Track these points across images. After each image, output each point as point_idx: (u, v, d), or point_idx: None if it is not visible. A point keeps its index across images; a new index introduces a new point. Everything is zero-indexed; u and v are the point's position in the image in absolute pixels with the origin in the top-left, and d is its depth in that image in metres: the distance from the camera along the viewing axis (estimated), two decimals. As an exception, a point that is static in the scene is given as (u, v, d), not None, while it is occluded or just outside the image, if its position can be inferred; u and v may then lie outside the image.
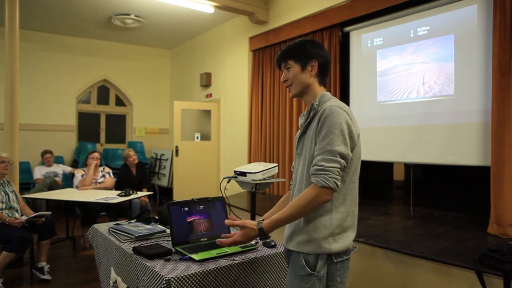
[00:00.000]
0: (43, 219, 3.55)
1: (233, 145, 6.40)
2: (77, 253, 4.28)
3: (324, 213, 1.40)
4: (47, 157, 6.03)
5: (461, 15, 3.58)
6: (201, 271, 1.59)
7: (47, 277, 3.40)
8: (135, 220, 2.48)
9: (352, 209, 1.46)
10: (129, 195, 4.08)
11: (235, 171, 2.49)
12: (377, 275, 2.78)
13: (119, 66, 7.76)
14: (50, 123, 7.02)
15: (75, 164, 6.95)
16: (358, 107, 4.53)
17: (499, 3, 3.12)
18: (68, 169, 6.29)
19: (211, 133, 6.81)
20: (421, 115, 3.88)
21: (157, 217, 2.48)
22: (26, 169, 6.27)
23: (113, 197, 3.97)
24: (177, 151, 6.52)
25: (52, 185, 5.43)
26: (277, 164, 2.50)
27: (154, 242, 2.00)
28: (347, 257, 1.45)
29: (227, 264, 1.68)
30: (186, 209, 1.96)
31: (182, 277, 1.54)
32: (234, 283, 1.70)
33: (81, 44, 7.30)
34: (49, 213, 3.72)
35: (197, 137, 6.80)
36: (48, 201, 4.62)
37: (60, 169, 6.15)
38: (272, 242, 1.96)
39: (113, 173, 4.97)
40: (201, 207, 2.01)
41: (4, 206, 3.48)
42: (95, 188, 4.57)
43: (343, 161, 1.34)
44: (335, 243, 1.39)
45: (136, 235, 2.05)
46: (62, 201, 4.55)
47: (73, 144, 7.30)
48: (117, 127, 8.07)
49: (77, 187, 4.57)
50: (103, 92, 7.86)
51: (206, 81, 6.88)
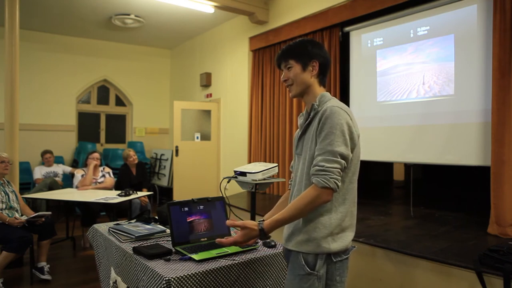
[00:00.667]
0: (43, 219, 3.55)
1: (233, 145, 6.40)
2: (77, 253, 4.28)
3: (323, 213, 1.41)
4: (47, 157, 6.03)
5: (461, 15, 3.58)
6: (201, 271, 1.59)
7: (47, 277, 3.40)
8: (135, 220, 2.48)
9: (351, 209, 1.46)
10: (129, 195, 4.08)
11: (235, 171, 2.49)
12: (377, 275, 2.78)
13: (119, 66, 7.76)
14: (50, 123, 7.02)
15: (75, 164, 6.95)
16: (358, 107, 4.53)
17: (499, 3, 3.12)
18: (68, 169, 6.29)
19: (211, 133, 6.81)
20: (421, 115, 3.88)
21: (157, 217, 2.48)
22: (26, 169, 6.27)
23: (113, 197, 3.97)
24: (177, 151, 6.52)
25: (52, 185, 5.43)
26: (277, 164, 2.50)
27: (154, 242, 2.00)
28: (346, 256, 1.45)
29: (227, 264, 1.68)
30: (186, 209, 1.96)
31: (182, 277, 1.54)
32: (234, 283, 1.70)
33: (81, 44, 7.30)
34: (49, 213, 3.72)
35: (197, 137, 6.80)
36: (48, 201, 4.62)
37: (60, 169, 6.15)
38: (272, 242, 1.96)
39: (113, 173, 4.97)
40: (201, 207, 2.01)
41: (4, 206, 3.48)
42: (95, 188, 4.57)
43: (343, 161, 1.35)
44: (334, 243, 1.40)
45: (136, 235, 2.05)
46: (62, 201, 4.55)
47: (73, 144, 7.30)
48: (117, 127, 8.07)
49: (77, 187, 4.57)
50: (103, 92, 7.85)
51: (206, 81, 6.88)
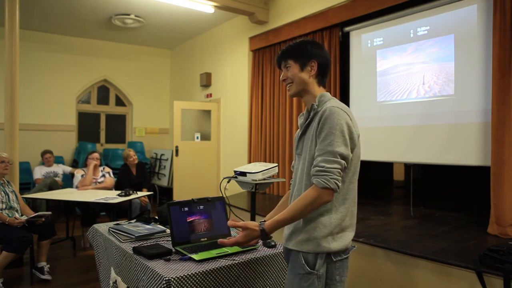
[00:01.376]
0: (43, 219, 3.55)
1: (233, 145, 6.40)
2: (77, 253, 4.28)
3: (323, 212, 1.41)
4: (47, 157, 6.03)
5: (461, 15, 3.58)
6: (201, 271, 1.59)
7: (47, 277, 3.40)
8: (135, 220, 2.48)
9: (351, 209, 1.46)
10: (129, 195, 4.08)
11: (235, 171, 2.49)
12: (377, 275, 2.78)
13: (119, 66, 7.76)
14: (50, 123, 7.02)
15: (75, 164, 6.95)
16: (358, 107, 4.53)
17: (499, 3, 3.12)
18: (68, 169, 6.29)
19: (211, 133, 6.81)
20: (421, 115, 3.88)
21: (157, 217, 2.48)
22: (26, 169, 6.27)
23: (113, 197, 3.97)
24: (177, 151, 6.52)
25: (52, 185, 5.44)
26: (277, 164, 2.50)
27: (154, 242, 2.00)
28: (346, 256, 1.45)
29: (227, 264, 1.68)
30: (186, 209, 1.96)
31: (182, 277, 1.54)
32: (234, 283, 1.70)
33: (81, 44, 7.30)
34: (49, 213, 3.72)
35: (197, 137, 6.80)
36: (48, 201, 4.62)
37: (60, 169, 6.15)
38: (272, 242, 1.97)
39: (113, 173, 4.97)
40: (201, 207, 2.01)
41: (4, 206, 3.48)
42: (95, 188, 4.57)
43: (343, 162, 1.36)
44: (334, 242, 1.40)
45: (136, 235, 2.05)
46: (62, 201, 4.55)
47: (73, 144, 7.30)
48: (117, 127, 8.07)
49: (77, 187, 4.57)
50: (103, 92, 7.85)
51: (206, 81, 6.88)
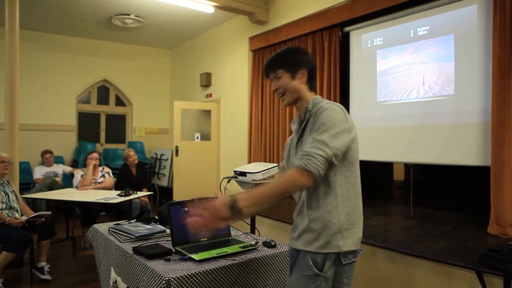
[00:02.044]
0: (43, 219, 3.55)
1: (233, 145, 6.40)
2: (77, 253, 4.28)
3: (330, 209, 1.39)
4: (47, 157, 6.03)
5: (461, 15, 3.58)
6: (201, 271, 1.59)
7: (47, 277, 3.40)
8: (135, 220, 2.48)
9: (358, 204, 1.46)
10: (129, 195, 4.08)
11: (235, 171, 2.49)
12: (377, 275, 2.78)
13: (119, 66, 7.76)
14: (50, 123, 7.02)
15: (75, 164, 6.94)
16: (358, 107, 4.53)
17: (499, 3, 3.12)
18: (68, 169, 6.28)
19: (211, 133, 6.80)
20: (421, 115, 3.88)
21: (157, 217, 2.48)
22: (26, 169, 6.27)
23: (113, 197, 3.97)
24: (177, 151, 6.52)
25: (52, 185, 5.43)
26: (277, 164, 2.51)
27: (154, 242, 2.00)
28: (354, 259, 1.44)
29: (227, 264, 1.68)
30: (186, 209, 1.96)
31: (182, 277, 1.54)
32: (234, 283, 1.70)
33: (81, 44, 7.30)
34: (49, 213, 3.72)
35: (197, 137, 6.80)
36: (48, 201, 4.63)
37: (60, 169, 6.15)
38: (272, 242, 1.97)
39: (113, 173, 4.97)
40: (201, 207, 2.00)
41: (4, 206, 3.48)
42: (95, 188, 4.57)
43: (330, 152, 1.32)
44: (344, 239, 1.39)
45: (136, 235, 2.05)
46: (62, 201, 4.55)
47: (73, 144, 7.29)
48: (117, 127, 8.06)
49: (76, 187, 4.57)
50: (103, 92, 7.85)
51: (206, 81, 6.88)
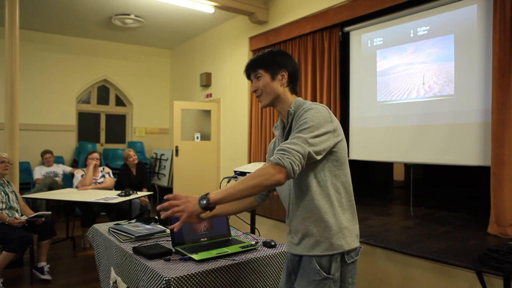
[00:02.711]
0: (43, 219, 3.55)
1: (233, 145, 6.40)
2: (77, 253, 4.28)
3: (326, 210, 1.39)
4: (47, 157, 6.03)
5: (461, 15, 3.58)
6: (201, 271, 1.59)
7: (47, 277, 3.40)
8: (135, 220, 2.48)
9: (352, 202, 1.46)
10: (129, 195, 4.08)
11: (235, 171, 2.49)
12: (377, 275, 2.78)
13: (119, 66, 7.76)
14: (50, 123, 7.02)
15: (75, 164, 6.94)
16: (358, 107, 4.53)
17: (499, 3, 3.12)
18: (68, 169, 6.28)
19: (211, 133, 6.81)
20: (421, 115, 3.88)
21: (157, 217, 2.48)
22: (26, 169, 6.27)
23: (113, 197, 3.97)
24: (177, 151, 6.52)
25: (52, 185, 5.44)
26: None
27: (154, 242, 2.00)
28: (357, 257, 1.44)
29: (227, 264, 1.68)
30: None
31: (182, 277, 1.53)
32: (234, 283, 1.70)
33: (81, 44, 7.30)
34: (49, 213, 3.72)
35: (197, 137, 6.80)
36: (48, 201, 4.62)
37: (60, 169, 6.15)
38: (272, 242, 1.97)
39: (113, 173, 4.96)
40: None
41: (4, 206, 3.48)
42: (95, 188, 4.57)
43: (308, 149, 1.29)
44: (345, 238, 1.38)
45: (136, 235, 2.05)
46: (62, 201, 4.55)
47: (73, 144, 7.30)
48: (117, 127, 8.07)
49: (77, 187, 4.57)
50: (103, 92, 7.86)
51: (206, 81, 6.88)
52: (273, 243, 1.96)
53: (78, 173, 4.72)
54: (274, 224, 3.79)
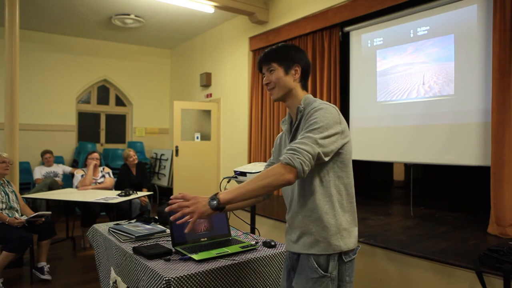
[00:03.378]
0: (43, 219, 3.55)
1: (233, 145, 6.40)
2: (77, 253, 4.28)
3: (327, 210, 1.39)
4: (47, 157, 6.03)
5: (461, 15, 3.58)
6: (201, 271, 1.59)
7: (47, 277, 3.40)
8: (135, 220, 2.48)
9: (353, 204, 1.46)
10: (129, 195, 4.08)
11: (235, 171, 2.49)
12: (377, 275, 2.78)
13: (119, 66, 7.76)
14: (50, 123, 7.02)
15: (75, 164, 6.95)
16: (358, 107, 4.53)
17: (499, 3, 3.12)
18: (68, 169, 6.29)
19: (211, 133, 6.81)
20: (421, 115, 3.88)
21: (157, 217, 2.48)
22: (26, 169, 6.27)
23: (113, 197, 3.97)
24: (177, 151, 6.52)
25: (52, 185, 5.44)
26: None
27: (154, 242, 2.00)
28: (354, 256, 1.44)
29: (227, 264, 1.68)
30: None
31: (182, 277, 1.54)
32: (234, 283, 1.70)
33: (81, 44, 7.30)
34: (49, 213, 3.72)
35: (197, 137, 6.80)
36: (48, 201, 4.62)
37: (60, 169, 6.15)
38: (272, 242, 1.97)
39: (113, 173, 4.97)
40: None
41: (4, 206, 3.48)
42: (95, 188, 4.57)
43: (318, 150, 1.29)
44: (344, 239, 1.38)
45: (136, 235, 2.05)
46: (62, 201, 4.54)
47: (73, 144, 7.30)
48: (117, 127, 8.07)
49: (77, 187, 4.57)
50: (103, 92, 7.86)
51: (206, 81, 6.88)
52: (273, 243, 1.96)
53: (78, 173, 4.72)
54: (274, 224, 3.79)
